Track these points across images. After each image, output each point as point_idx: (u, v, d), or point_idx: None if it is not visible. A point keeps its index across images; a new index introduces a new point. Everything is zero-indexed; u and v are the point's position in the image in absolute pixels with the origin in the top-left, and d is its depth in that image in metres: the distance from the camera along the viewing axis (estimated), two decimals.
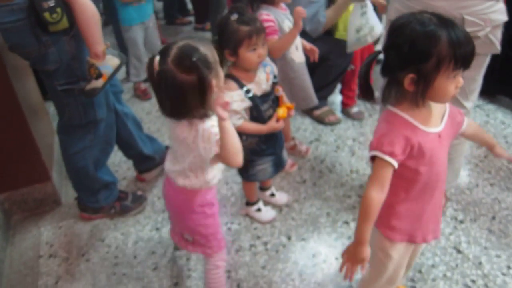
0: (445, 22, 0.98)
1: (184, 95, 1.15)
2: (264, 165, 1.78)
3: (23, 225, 2.04)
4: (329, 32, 2.37)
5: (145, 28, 2.99)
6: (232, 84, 1.56)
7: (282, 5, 1.96)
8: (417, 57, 0.97)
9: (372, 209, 1.05)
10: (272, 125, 1.63)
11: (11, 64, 1.91)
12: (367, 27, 2.24)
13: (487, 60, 1.56)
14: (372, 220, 1.06)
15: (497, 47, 1.50)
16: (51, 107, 3.04)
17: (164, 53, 1.17)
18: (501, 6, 1.45)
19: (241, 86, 1.56)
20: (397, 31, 1.01)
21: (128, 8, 2.84)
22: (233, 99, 1.51)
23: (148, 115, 2.89)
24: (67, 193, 2.20)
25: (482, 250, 1.72)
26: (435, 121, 1.09)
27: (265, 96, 1.62)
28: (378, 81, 1.34)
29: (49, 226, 2.02)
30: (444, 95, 1.02)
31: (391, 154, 1.02)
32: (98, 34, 1.55)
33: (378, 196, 1.05)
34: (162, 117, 2.70)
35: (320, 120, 2.62)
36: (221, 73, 1.23)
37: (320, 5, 2.24)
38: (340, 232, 1.85)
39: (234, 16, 1.49)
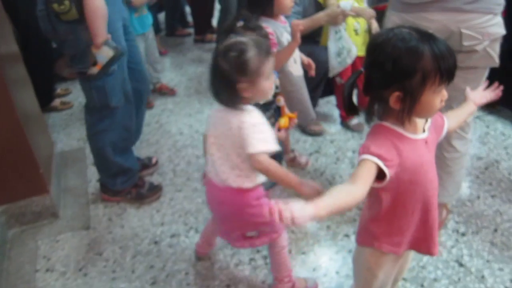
0: (426, 36, 0.97)
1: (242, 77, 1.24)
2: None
3: (20, 238, 2.02)
4: (310, 37, 2.37)
5: (145, 39, 3.01)
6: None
7: (282, 17, 1.96)
8: (401, 74, 0.95)
9: (334, 193, 0.94)
10: (277, 134, 1.63)
11: (9, 75, 1.91)
12: (345, 50, 2.36)
13: (486, 73, 1.56)
14: (331, 194, 0.93)
15: (496, 61, 1.50)
16: (49, 119, 3.06)
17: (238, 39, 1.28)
18: (499, 19, 1.45)
19: None
20: (378, 49, 0.99)
21: (131, 19, 2.86)
22: None
23: (147, 126, 2.88)
24: (65, 206, 2.19)
25: (484, 263, 1.70)
26: (420, 128, 1.08)
27: (267, 105, 1.63)
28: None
29: (47, 239, 2.00)
30: (430, 110, 1.01)
31: (379, 157, 0.98)
32: (101, 26, 1.69)
33: (345, 187, 0.97)
34: (161, 128, 2.70)
35: (302, 129, 2.62)
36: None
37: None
38: (341, 245, 1.83)
39: (240, 23, 1.52)
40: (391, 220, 1.12)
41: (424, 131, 1.08)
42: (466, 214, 1.94)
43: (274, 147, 1.30)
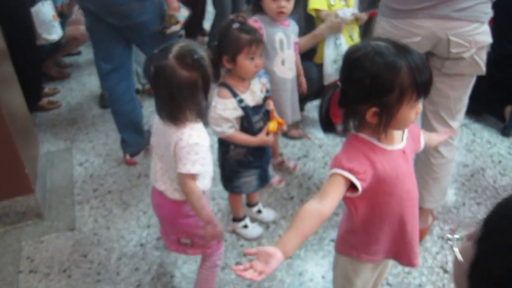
0: (402, 49, 0.95)
1: (181, 91, 1.18)
2: (249, 178, 1.77)
3: (3, 238, 1.99)
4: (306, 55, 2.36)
5: None
6: (226, 92, 1.58)
7: (285, 21, 1.98)
8: (379, 91, 0.94)
9: (299, 215, 0.94)
10: (262, 138, 1.64)
11: None
12: (341, 58, 2.30)
13: (473, 80, 1.58)
14: (297, 228, 0.93)
15: (482, 68, 1.52)
16: (37, 118, 3.02)
17: (164, 50, 1.20)
18: (486, 28, 1.47)
19: (234, 95, 1.58)
20: (355, 65, 0.97)
21: None
22: (226, 107, 1.56)
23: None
24: (50, 207, 2.16)
25: None
26: (397, 138, 1.07)
27: (257, 108, 1.64)
28: None
29: (31, 240, 1.97)
30: (406, 123, 1.01)
31: (351, 170, 0.97)
32: None
33: (312, 204, 0.95)
34: (149, 129, 2.60)
35: (283, 134, 2.59)
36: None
37: None
38: (327, 250, 1.83)
39: (236, 25, 1.53)
40: (368, 230, 1.11)
41: (402, 139, 1.07)
42: (452, 221, 1.96)
43: (200, 170, 1.25)
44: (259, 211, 1.98)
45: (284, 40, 1.97)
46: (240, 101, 1.59)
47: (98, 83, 3.30)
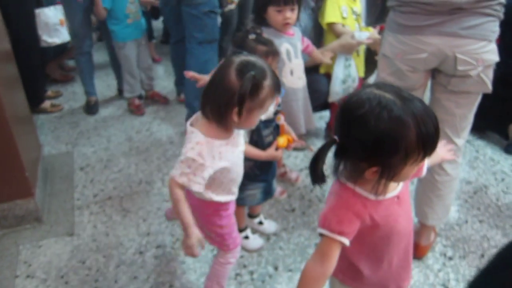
0: (408, 102, 0.87)
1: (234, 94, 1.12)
2: (254, 191, 1.75)
3: (1, 242, 1.96)
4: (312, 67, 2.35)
5: (137, 45, 3.01)
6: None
7: (290, 30, 1.97)
8: (383, 153, 0.87)
9: (305, 281, 0.96)
10: (271, 153, 1.59)
11: (1, 75, 1.88)
12: (350, 79, 2.36)
13: (479, 98, 1.58)
14: None
15: (489, 87, 1.52)
16: (38, 120, 3.02)
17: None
18: (493, 46, 1.47)
19: None
20: (357, 123, 0.88)
21: (122, 25, 2.87)
22: None
23: (137, 133, 2.86)
24: (50, 211, 2.14)
25: None
26: (392, 187, 0.99)
27: (267, 122, 1.63)
28: None
29: (29, 244, 1.95)
30: (406, 178, 0.97)
31: (341, 233, 0.93)
32: None
33: (316, 269, 0.96)
34: (152, 136, 2.66)
35: None
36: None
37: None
38: None
39: (252, 36, 1.52)
40: (353, 261, 1.09)
41: (397, 185, 1.02)
42: (454, 238, 1.94)
43: (184, 182, 1.19)
44: (261, 223, 1.96)
45: (291, 50, 1.97)
46: None
47: (101, 86, 3.32)
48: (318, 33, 2.44)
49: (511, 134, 2.60)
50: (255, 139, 1.61)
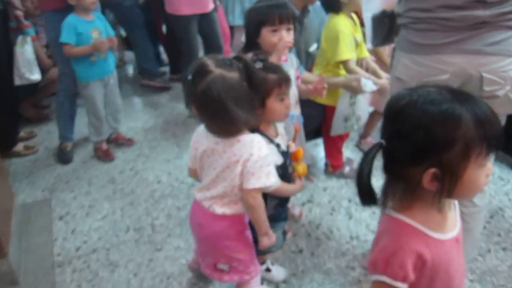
0: (460, 95, 0.79)
1: (239, 96, 1.18)
2: (278, 232, 1.53)
3: None
4: None
5: (104, 85, 2.71)
6: (262, 138, 1.34)
7: (283, 56, 1.81)
8: (437, 146, 0.76)
9: None
10: (302, 183, 1.49)
11: None
12: (354, 117, 2.23)
13: (504, 120, 1.44)
14: None
15: None
16: (11, 166, 2.76)
17: (201, 69, 1.19)
18: None
19: (270, 141, 1.41)
20: (402, 115, 0.80)
21: (84, 63, 2.54)
22: (271, 152, 1.38)
23: (121, 174, 2.63)
24: (27, 271, 1.88)
25: None
26: (451, 223, 0.88)
27: (285, 152, 1.47)
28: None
29: None
30: (475, 188, 0.82)
31: (404, 279, 0.81)
32: None
33: None
34: (137, 175, 2.45)
35: None
36: None
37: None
38: None
39: (259, 64, 1.36)
40: None
41: (456, 224, 0.89)
42: (480, 271, 1.77)
43: (275, 181, 1.28)
44: (268, 270, 1.75)
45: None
46: (278, 146, 1.42)
47: (79, 125, 3.07)
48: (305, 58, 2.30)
49: None
50: (281, 172, 1.41)
